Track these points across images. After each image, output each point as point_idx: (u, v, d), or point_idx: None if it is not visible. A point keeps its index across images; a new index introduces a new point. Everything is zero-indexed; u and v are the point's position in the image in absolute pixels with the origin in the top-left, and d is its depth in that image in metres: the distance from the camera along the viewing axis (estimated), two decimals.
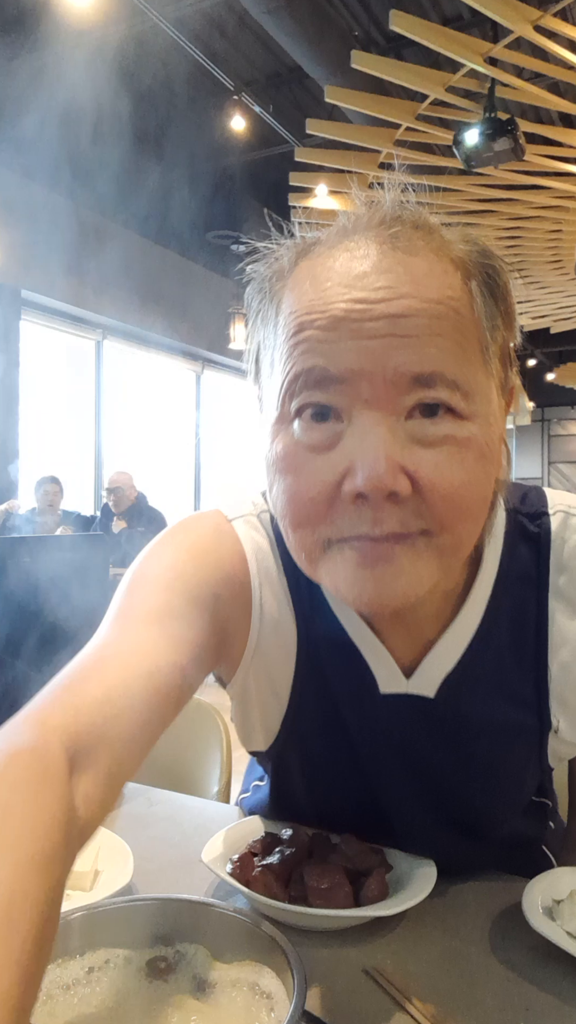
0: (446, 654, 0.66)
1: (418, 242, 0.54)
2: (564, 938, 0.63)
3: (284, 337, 0.54)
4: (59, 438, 6.60)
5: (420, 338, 0.50)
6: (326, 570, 0.55)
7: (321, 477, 0.52)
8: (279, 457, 0.55)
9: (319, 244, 0.57)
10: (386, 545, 0.52)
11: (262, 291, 0.59)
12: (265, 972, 0.53)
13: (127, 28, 4.59)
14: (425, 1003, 0.59)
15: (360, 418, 0.51)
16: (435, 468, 0.51)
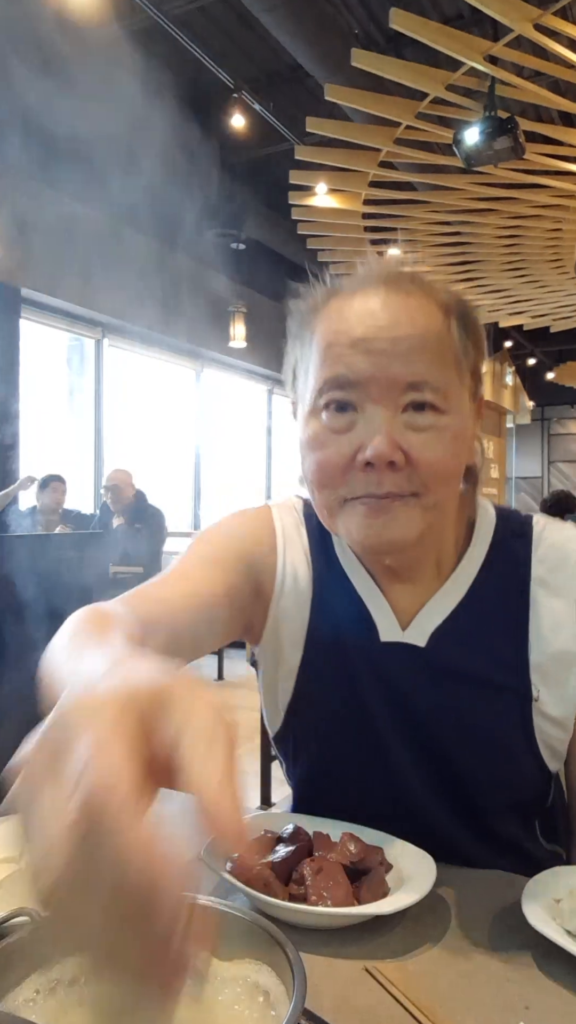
0: (437, 610, 0.81)
1: (412, 289, 0.75)
2: (564, 937, 0.63)
3: (317, 353, 0.75)
4: (59, 437, 6.60)
5: (412, 355, 0.71)
6: (342, 521, 0.75)
7: (340, 451, 0.72)
8: (310, 438, 0.75)
9: (343, 288, 0.79)
10: (386, 501, 0.72)
11: (300, 321, 0.80)
12: (265, 971, 0.53)
13: (126, 26, 4.59)
14: (425, 1002, 0.59)
15: (369, 410, 0.72)
16: (422, 447, 0.71)
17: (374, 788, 0.83)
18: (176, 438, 7.84)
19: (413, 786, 0.83)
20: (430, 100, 4.10)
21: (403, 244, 6.25)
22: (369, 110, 4.26)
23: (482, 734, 0.80)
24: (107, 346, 6.72)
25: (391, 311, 0.73)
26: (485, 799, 0.83)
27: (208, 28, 4.79)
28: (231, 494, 8.73)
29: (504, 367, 10.28)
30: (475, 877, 0.80)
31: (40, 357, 6.28)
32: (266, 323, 8.15)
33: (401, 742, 0.82)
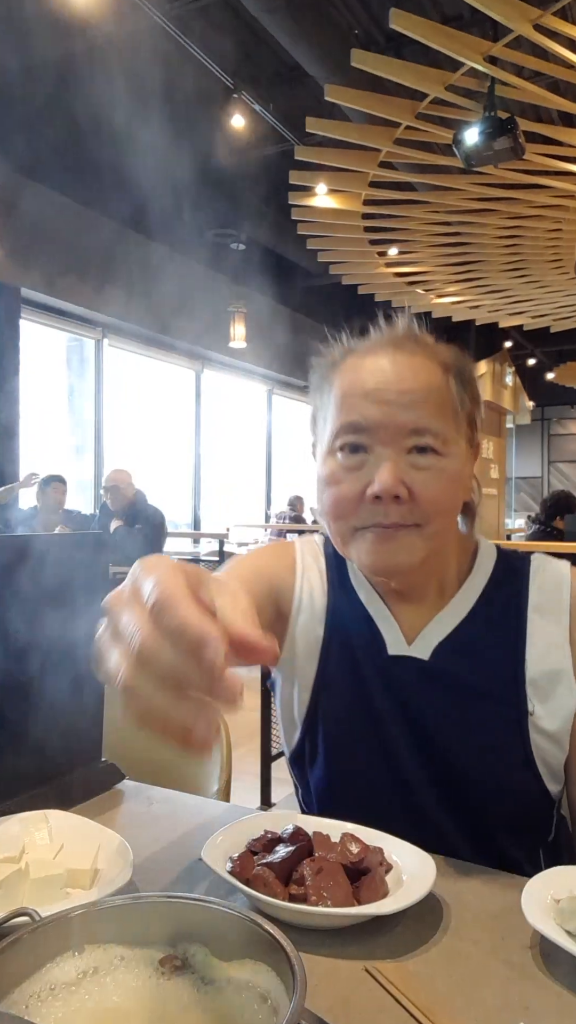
0: (440, 628, 0.90)
1: (416, 349, 0.87)
2: (564, 937, 0.63)
3: (335, 403, 0.87)
4: (59, 437, 6.60)
5: (416, 406, 0.82)
6: (354, 547, 0.85)
7: (353, 486, 0.83)
8: (327, 475, 0.86)
9: (357, 348, 0.90)
10: (391, 530, 0.82)
11: (320, 375, 0.92)
12: (265, 971, 0.53)
13: (126, 26, 4.59)
14: (425, 1003, 0.59)
15: (378, 451, 0.83)
16: (423, 484, 0.82)
17: (384, 794, 0.89)
18: (176, 438, 7.84)
19: (420, 792, 0.88)
20: (430, 100, 4.10)
21: (403, 244, 6.26)
22: (369, 110, 4.26)
23: (482, 742, 0.86)
24: (107, 346, 6.73)
25: (398, 368, 0.84)
26: (487, 811, 0.87)
27: (208, 28, 4.78)
28: (231, 494, 8.74)
29: (504, 367, 10.28)
30: (475, 877, 0.80)
31: (40, 357, 6.28)
32: (266, 323, 8.16)
33: (408, 747, 0.88)
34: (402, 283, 7.15)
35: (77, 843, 0.80)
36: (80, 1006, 0.52)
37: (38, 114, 4.79)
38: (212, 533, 6.48)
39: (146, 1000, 0.53)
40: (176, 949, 0.57)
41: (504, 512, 11.22)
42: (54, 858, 0.77)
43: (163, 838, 0.90)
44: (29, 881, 0.72)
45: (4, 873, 0.70)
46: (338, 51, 4.23)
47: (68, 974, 0.54)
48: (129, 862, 0.75)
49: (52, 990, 0.53)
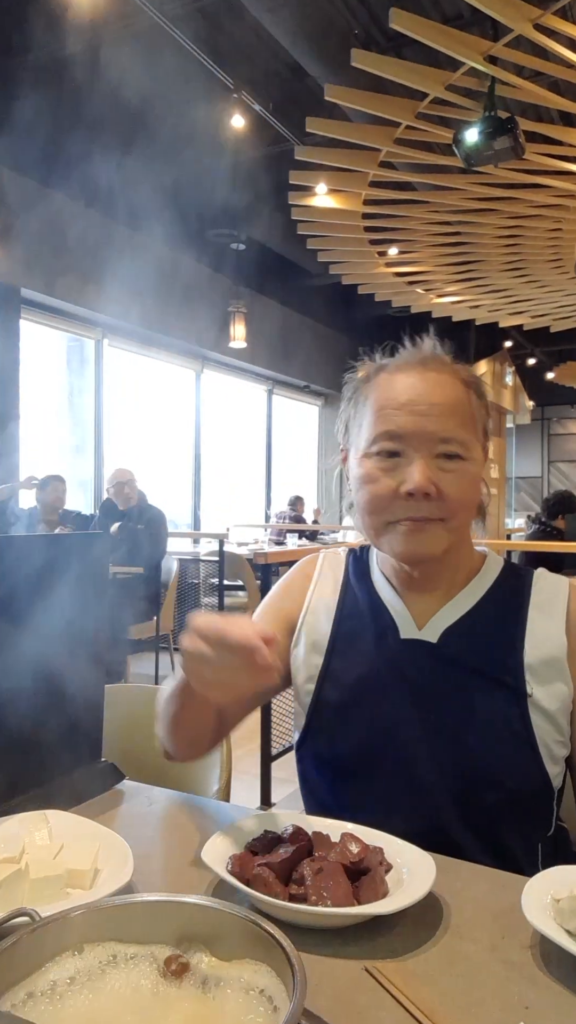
0: (448, 615, 1.00)
1: (443, 368, 1.00)
2: (564, 937, 0.63)
3: (371, 413, 0.98)
4: (59, 437, 6.60)
5: (443, 417, 0.95)
6: (386, 538, 0.97)
7: (388, 485, 0.95)
8: (365, 475, 0.97)
9: (388, 365, 1.02)
10: (421, 523, 0.94)
11: (354, 388, 1.04)
12: (265, 971, 0.53)
13: (126, 26, 4.59)
14: (425, 1002, 0.59)
15: (410, 455, 0.94)
16: (449, 483, 0.94)
17: (386, 774, 0.95)
18: (176, 438, 7.84)
19: (422, 773, 0.93)
20: (430, 100, 4.10)
21: (403, 244, 6.26)
22: (369, 110, 4.26)
23: (485, 721, 0.94)
24: (107, 346, 6.72)
25: (428, 384, 0.96)
26: (489, 793, 0.91)
27: (208, 28, 4.78)
28: (231, 494, 8.74)
29: (504, 367, 10.28)
30: (475, 877, 0.80)
31: (40, 357, 6.28)
32: (266, 323, 8.16)
33: (413, 726, 0.95)
34: (402, 283, 7.15)
35: (77, 843, 0.80)
36: (80, 1006, 0.52)
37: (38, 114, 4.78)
38: (212, 533, 6.47)
39: (146, 1000, 0.53)
40: (176, 949, 0.57)
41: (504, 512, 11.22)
42: (54, 858, 0.77)
43: (163, 838, 0.90)
44: (29, 881, 0.72)
45: (4, 873, 0.70)
46: (338, 51, 4.22)
47: (68, 974, 0.54)
48: (129, 862, 0.75)
49: (52, 990, 0.53)
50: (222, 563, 5.59)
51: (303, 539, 7.34)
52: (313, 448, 10.63)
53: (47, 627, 0.95)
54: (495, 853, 0.90)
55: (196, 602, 6.33)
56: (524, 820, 0.94)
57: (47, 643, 0.95)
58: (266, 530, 8.21)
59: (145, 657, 4.95)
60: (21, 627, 0.93)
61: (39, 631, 0.94)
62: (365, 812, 0.86)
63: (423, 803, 0.93)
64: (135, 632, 4.59)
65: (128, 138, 5.04)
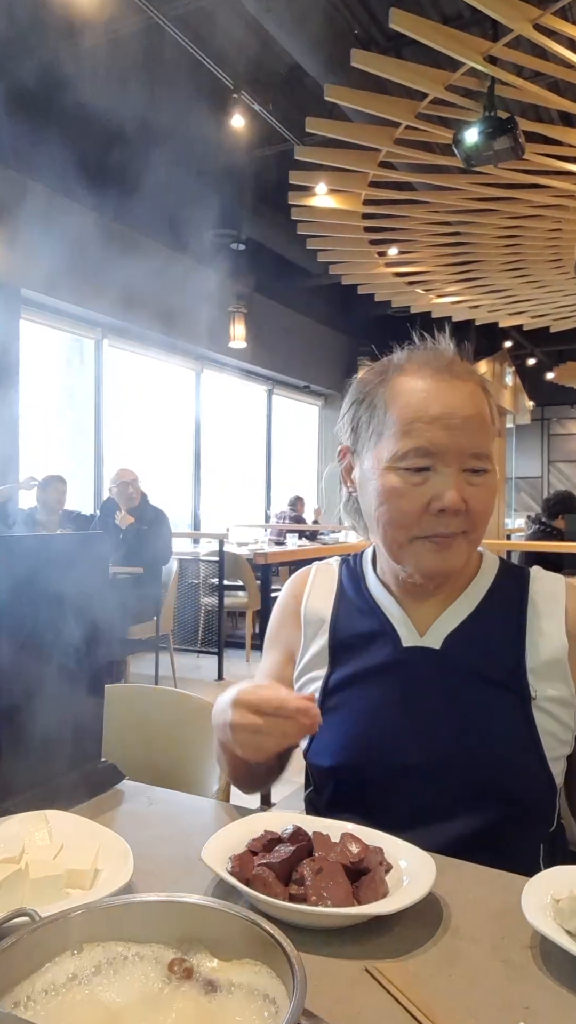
0: (450, 620, 0.99)
1: (467, 376, 0.96)
2: (564, 937, 0.63)
3: (398, 424, 0.93)
4: (59, 437, 6.60)
5: (475, 431, 0.92)
6: (410, 553, 0.95)
7: (417, 500, 0.92)
8: (391, 489, 0.93)
9: (407, 367, 0.97)
10: (449, 539, 0.93)
11: (367, 390, 0.99)
12: (265, 971, 0.53)
13: (126, 26, 4.59)
14: (425, 1003, 0.59)
15: (441, 470, 0.92)
16: (476, 497, 0.92)
17: (392, 780, 0.94)
18: (176, 438, 7.83)
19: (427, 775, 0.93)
20: (430, 100, 4.10)
21: (403, 244, 6.26)
22: (369, 110, 4.26)
23: (490, 724, 0.93)
24: (107, 346, 6.72)
25: (458, 395, 0.93)
26: (493, 794, 0.91)
27: (208, 28, 4.78)
28: (231, 494, 8.74)
29: (504, 367, 10.28)
30: (475, 877, 0.80)
31: (40, 357, 6.28)
32: (266, 323, 8.16)
33: (417, 732, 0.94)
34: (402, 283, 7.15)
35: (77, 843, 0.80)
36: (79, 1006, 0.52)
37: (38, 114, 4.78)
38: (212, 533, 6.47)
39: (145, 1000, 0.53)
40: (177, 950, 0.57)
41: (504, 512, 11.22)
42: (54, 858, 0.77)
43: (163, 838, 0.90)
44: (29, 881, 0.72)
45: (4, 873, 0.70)
46: (338, 51, 4.22)
47: (67, 974, 0.54)
48: (129, 862, 0.75)
49: (52, 990, 0.53)
50: (222, 563, 5.59)
51: (303, 539, 7.34)
52: (313, 448, 10.63)
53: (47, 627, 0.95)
54: (498, 853, 0.89)
55: (196, 602, 6.34)
56: (527, 820, 0.94)
57: (47, 643, 0.95)
58: (266, 530, 8.21)
59: (145, 657, 4.94)
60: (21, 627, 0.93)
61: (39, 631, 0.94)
62: (370, 820, 0.85)
63: (427, 809, 0.92)
64: (135, 632, 4.59)
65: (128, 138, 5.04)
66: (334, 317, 9.68)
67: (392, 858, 0.77)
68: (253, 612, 5.96)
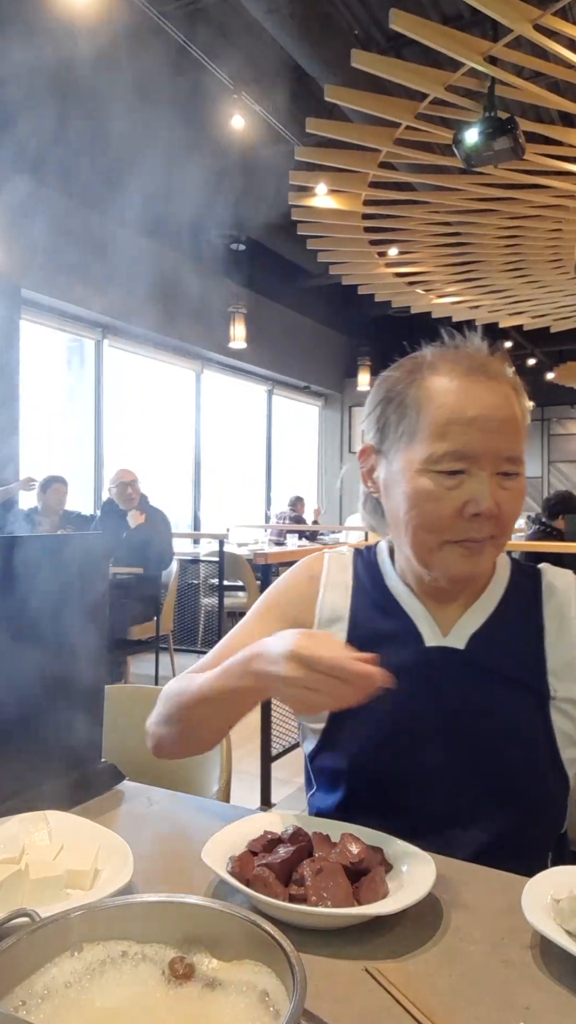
0: (473, 621, 0.98)
1: (501, 377, 0.93)
2: (564, 937, 0.63)
3: (432, 426, 0.90)
4: (59, 437, 6.60)
5: (511, 434, 0.91)
6: (439, 558, 0.92)
7: (451, 504, 0.89)
8: (423, 492, 0.91)
9: (439, 366, 0.93)
10: (480, 544, 0.91)
11: (395, 388, 0.96)
12: (265, 972, 0.53)
13: (126, 26, 4.58)
14: (425, 1003, 0.59)
15: (475, 473, 0.89)
16: (507, 502, 0.91)
17: (407, 783, 0.94)
18: (176, 438, 7.83)
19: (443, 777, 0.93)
20: (430, 101, 4.10)
21: (403, 244, 6.26)
22: (369, 111, 4.25)
23: (509, 725, 0.93)
24: (107, 346, 6.72)
25: (494, 397, 0.90)
26: (510, 795, 0.91)
27: (208, 28, 4.78)
28: (231, 494, 8.73)
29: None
30: (475, 877, 0.80)
31: (40, 357, 6.27)
32: (266, 323, 8.15)
33: (438, 733, 0.93)
34: (402, 283, 7.15)
35: (77, 844, 0.80)
36: (79, 1006, 0.52)
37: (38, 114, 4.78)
38: (212, 533, 6.47)
39: (146, 1001, 0.53)
40: (177, 950, 0.57)
41: None
42: (54, 859, 0.77)
43: (163, 838, 0.90)
44: (29, 882, 0.72)
45: (4, 874, 0.70)
46: (338, 51, 4.22)
47: (67, 975, 0.54)
48: (129, 863, 0.75)
49: (51, 991, 0.53)
50: (222, 563, 5.59)
51: (303, 539, 7.34)
52: (313, 448, 10.62)
53: (47, 627, 0.95)
54: (512, 856, 0.89)
55: (196, 602, 6.34)
56: (541, 823, 0.94)
57: (47, 643, 0.95)
58: (266, 530, 8.21)
59: (145, 657, 4.95)
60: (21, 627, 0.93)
61: (39, 631, 0.94)
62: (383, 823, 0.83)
63: (444, 813, 0.91)
64: (135, 632, 4.58)
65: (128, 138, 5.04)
66: (334, 317, 9.68)
67: (392, 858, 0.77)
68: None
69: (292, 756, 3.29)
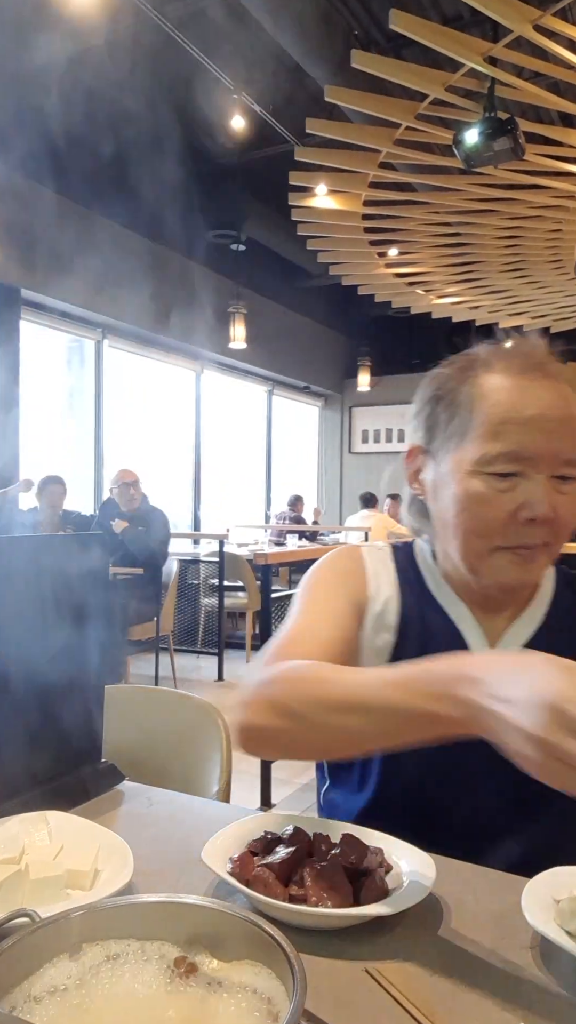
0: (522, 632, 0.94)
1: (557, 375, 0.89)
2: (564, 938, 0.63)
3: (486, 425, 0.85)
4: (59, 437, 6.60)
5: (570, 436, 0.85)
6: (489, 565, 0.88)
7: (504, 508, 0.85)
8: (475, 495, 0.86)
9: (493, 363, 0.89)
10: (533, 551, 0.86)
11: (445, 386, 0.91)
12: (265, 972, 0.53)
13: (127, 27, 4.58)
14: (425, 1003, 0.59)
15: (531, 476, 0.85)
16: (564, 507, 0.85)
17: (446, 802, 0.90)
18: (176, 438, 7.83)
19: (487, 798, 0.89)
20: (430, 101, 4.10)
21: (403, 244, 6.26)
22: (369, 111, 4.25)
23: None
24: (107, 346, 6.72)
25: (552, 395, 0.86)
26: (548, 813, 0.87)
27: (208, 29, 4.78)
28: (231, 494, 8.74)
29: None
30: (475, 877, 0.80)
31: (40, 357, 6.28)
32: (266, 324, 8.15)
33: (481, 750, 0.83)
34: (402, 283, 7.15)
35: (77, 844, 0.80)
36: (79, 1007, 0.52)
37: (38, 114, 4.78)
38: (212, 534, 6.47)
39: (145, 1001, 0.53)
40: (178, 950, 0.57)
41: None
42: (54, 859, 0.77)
43: (163, 838, 0.90)
44: (29, 882, 0.72)
45: (4, 874, 0.70)
46: (338, 51, 4.23)
47: (67, 975, 0.54)
48: (129, 863, 0.75)
49: (51, 991, 0.53)
50: (222, 564, 5.59)
51: (303, 539, 7.34)
52: (313, 449, 10.63)
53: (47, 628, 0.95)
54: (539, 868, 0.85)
55: (196, 602, 6.34)
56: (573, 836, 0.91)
57: (47, 643, 0.95)
58: (266, 531, 8.21)
59: (145, 657, 4.94)
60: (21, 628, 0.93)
61: (39, 632, 0.94)
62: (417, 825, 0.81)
63: (483, 826, 0.89)
64: (135, 633, 4.59)
65: (128, 138, 5.04)
66: (334, 318, 9.68)
67: (392, 859, 0.77)
68: (253, 613, 5.96)
69: None
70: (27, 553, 0.99)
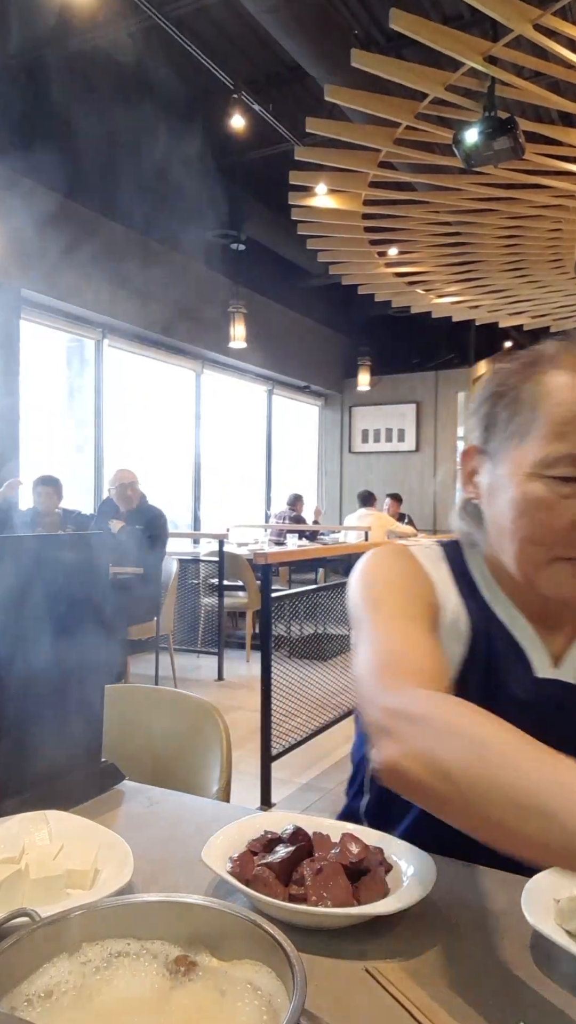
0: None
1: None
2: (564, 937, 0.63)
3: (550, 425, 0.80)
4: (59, 437, 6.60)
5: None
6: (547, 575, 0.82)
7: (566, 515, 0.79)
8: (535, 499, 0.80)
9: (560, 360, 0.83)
10: None
11: (511, 382, 0.85)
12: (265, 971, 0.53)
13: (127, 27, 4.59)
14: (425, 1003, 0.59)
15: None
16: None
17: None
18: (176, 438, 7.83)
19: None
20: (430, 100, 4.10)
21: (403, 244, 6.26)
22: (369, 110, 4.25)
23: None
24: (107, 346, 6.72)
25: None
26: None
27: (208, 29, 4.79)
28: (231, 494, 8.74)
29: None
30: (475, 877, 0.80)
31: (40, 357, 6.27)
32: (266, 323, 8.15)
33: None
34: (402, 283, 7.15)
35: (77, 844, 0.80)
36: (79, 1006, 0.52)
37: (37, 114, 4.78)
38: (212, 533, 6.48)
39: (145, 1001, 0.53)
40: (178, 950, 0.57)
41: None
42: (54, 859, 0.77)
43: (163, 838, 0.90)
44: (29, 882, 0.72)
45: (4, 873, 0.70)
46: (338, 51, 4.22)
47: (67, 975, 0.54)
48: (129, 862, 0.75)
49: (51, 991, 0.53)
50: (222, 563, 5.59)
51: (303, 539, 7.34)
52: (313, 448, 10.63)
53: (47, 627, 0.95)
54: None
55: (196, 602, 6.34)
56: None
57: (47, 643, 0.95)
58: (266, 530, 8.21)
59: (145, 657, 4.95)
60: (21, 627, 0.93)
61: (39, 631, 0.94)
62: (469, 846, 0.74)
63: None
64: (135, 632, 4.59)
65: (128, 138, 5.05)
66: (334, 317, 9.68)
67: (392, 858, 0.77)
68: (253, 612, 5.96)
69: (292, 756, 3.29)
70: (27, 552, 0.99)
